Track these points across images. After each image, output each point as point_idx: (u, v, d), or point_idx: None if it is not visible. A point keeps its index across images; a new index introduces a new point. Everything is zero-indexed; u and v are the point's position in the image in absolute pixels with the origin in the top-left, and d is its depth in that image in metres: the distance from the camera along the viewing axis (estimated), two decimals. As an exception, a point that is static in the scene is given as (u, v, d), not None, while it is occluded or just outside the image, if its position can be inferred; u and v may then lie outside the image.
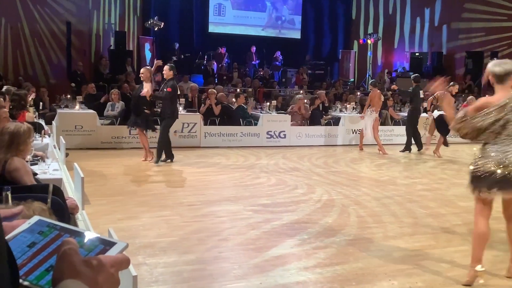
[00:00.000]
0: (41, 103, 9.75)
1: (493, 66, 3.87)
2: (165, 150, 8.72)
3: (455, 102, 10.69)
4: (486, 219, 3.86)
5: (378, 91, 11.07)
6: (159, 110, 9.59)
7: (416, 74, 11.60)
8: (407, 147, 11.02)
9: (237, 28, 19.88)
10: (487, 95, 4.36)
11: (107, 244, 0.87)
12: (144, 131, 8.78)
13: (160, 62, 9.47)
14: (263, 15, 20.41)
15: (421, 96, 11.00)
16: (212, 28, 19.44)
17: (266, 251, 4.56)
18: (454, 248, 4.82)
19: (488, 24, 17.74)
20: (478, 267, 3.85)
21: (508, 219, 3.94)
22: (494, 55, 17.52)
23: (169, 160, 8.80)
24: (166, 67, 8.75)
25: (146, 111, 8.61)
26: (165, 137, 8.69)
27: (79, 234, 0.89)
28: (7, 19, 13.80)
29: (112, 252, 0.85)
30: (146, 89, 8.51)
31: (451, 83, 10.32)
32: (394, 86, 11.04)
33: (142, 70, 8.82)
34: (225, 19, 19.73)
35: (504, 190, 3.70)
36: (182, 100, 11.44)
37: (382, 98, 11.23)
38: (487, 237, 3.87)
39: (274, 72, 18.75)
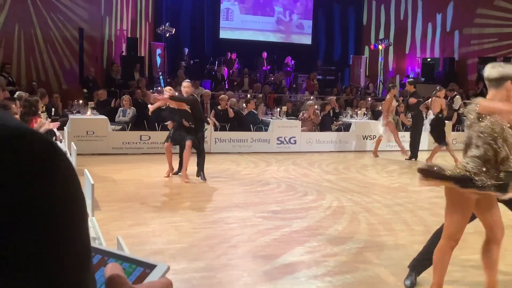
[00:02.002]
0: (53, 109, 9.83)
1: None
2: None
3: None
4: None
5: (392, 95, 10.99)
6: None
7: (412, 79, 11.68)
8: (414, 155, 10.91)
9: (247, 34, 19.94)
10: None
11: (147, 267, 0.84)
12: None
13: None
14: (273, 20, 20.45)
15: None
16: (223, 34, 19.52)
17: (276, 259, 4.54)
18: (466, 257, 4.76)
19: (500, 30, 17.60)
20: None
21: None
22: (506, 60, 17.38)
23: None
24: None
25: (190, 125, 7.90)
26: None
27: (119, 257, 0.87)
28: (20, 25, 13.96)
29: (154, 276, 0.81)
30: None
31: (437, 87, 10.40)
32: (412, 100, 10.72)
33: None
34: (235, 24, 19.80)
35: None
36: (193, 106, 11.49)
37: (395, 104, 11.20)
38: None
39: (285, 78, 18.75)
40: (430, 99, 10.43)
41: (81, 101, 11.13)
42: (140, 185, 7.47)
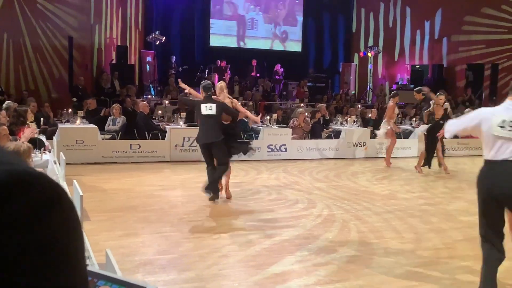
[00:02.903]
0: (42, 119, 9.78)
1: None
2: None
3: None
4: None
5: (394, 102, 10.98)
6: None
7: (419, 88, 11.57)
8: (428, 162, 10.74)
9: (237, 41, 20.00)
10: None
11: None
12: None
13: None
14: (264, 28, 20.53)
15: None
16: (213, 41, 19.56)
17: (267, 268, 4.53)
18: (456, 265, 4.78)
19: (488, 37, 17.81)
20: None
21: None
22: (494, 67, 17.59)
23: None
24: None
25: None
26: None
27: (109, 279, 0.88)
28: (9, 34, 13.90)
29: None
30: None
31: (437, 93, 10.40)
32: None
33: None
34: (225, 31, 19.85)
35: None
36: (183, 114, 11.49)
37: (397, 111, 11.25)
38: None
39: (275, 85, 18.80)
40: (432, 106, 10.30)
41: (70, 110, 11.08)
42: (130, 195, 7.43)
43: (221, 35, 19.73)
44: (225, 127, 7.18)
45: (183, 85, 7.71)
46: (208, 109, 6.98)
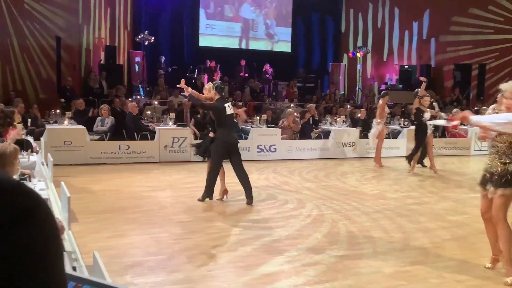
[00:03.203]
0: (29, 120, 9.70)
1: None
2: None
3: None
4: None
5: (384, 102, 11.04)
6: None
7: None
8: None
9: (227, 41, 20.00)
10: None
11: None
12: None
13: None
14: (253, 28, 20.53)
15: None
16: (202, 42, 19.53)
17: (256, 269, 4.53)
18: (444, 264, 4.82)
19: (475, 37, 17.96)
20: None
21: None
22: (482, 67, 17.75)
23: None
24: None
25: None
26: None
27: (94, 283, 0.88)
28: (-4, 35, 13.76)
29: None
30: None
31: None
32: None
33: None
34: (215, 32, 19.84)
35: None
36: (172, 115, 11.46)
37: (387, 110, 11.31)
38: None
39: (264, 85, 18.82)
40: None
41: (58, 111, 11.00)
42: (118, 196, 7.39)
43: (214, 36, 19.71)
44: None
45: (184, 86, 7.61)
46: (230, 108, 7.00)
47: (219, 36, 19.86)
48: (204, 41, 19.56)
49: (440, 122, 11.05)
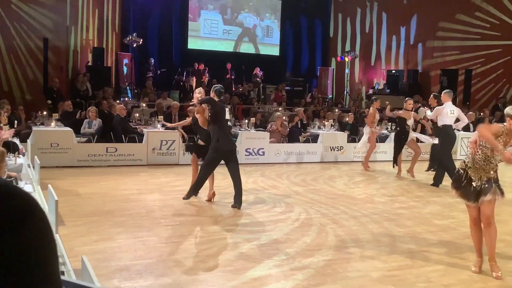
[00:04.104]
0: (15, 122, 9.59)
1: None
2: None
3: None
4: None
5: (375, 108, 11.12)
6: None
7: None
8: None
9: (216, 44, 19.99)
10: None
11: None
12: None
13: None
14: (242, 31, 20.56)
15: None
16: (191, 45, 19.50)
17: (244, 273, 4.53)
18: (431, 268, 4.86)
19: (462, 43, 18.17)
20: None
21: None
22: (468, 73, 17.95)
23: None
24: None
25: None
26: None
27: (72, 285, 0.88)
28: (-18, 35, 13.61)
29: None
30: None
31: (406, 98, 10.69)
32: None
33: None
34: (204, 35, 19.82)
35: None
36: (161, 118, 11.41)
37: (377, 117, 11.38)
38: None
39: (254, 88, 18.82)
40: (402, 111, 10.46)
41: (45, 113, 10.90)
42: (106, 199, 7.34)
43: (200, 38, 19.69)
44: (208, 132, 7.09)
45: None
46: (229, 114, 6.92)
47: (208, 40, 19.84)
48: (193, 44, 19.54)
49: (423, 139, 11.20)
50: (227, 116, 6.88)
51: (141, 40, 16.73)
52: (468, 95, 17.89)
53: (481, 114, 15.54)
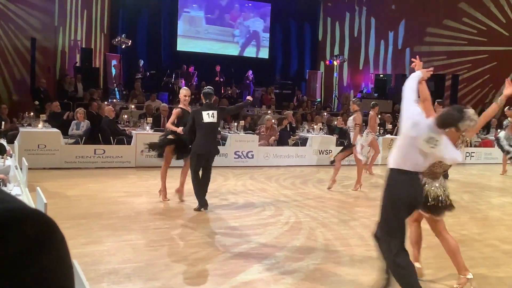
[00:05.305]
0: (3, 123, 9.49)
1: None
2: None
3: None
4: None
5: (375, 112, 11.14)
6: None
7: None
8: None
9: (205, 47, 19.97)
10: None
11: None
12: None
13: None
14: (231, 34, 20.56)
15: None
16: (180, 47, 19.46)
17: (234, 277, 4.51)
18: (419, 272, 4.88)
19: (449, 48, 18.37)
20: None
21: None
22: (455, 78, 18.14)
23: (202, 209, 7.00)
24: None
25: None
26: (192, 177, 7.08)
27: None
28: (-32, 34, 13.45)
29: None
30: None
31: (372, 103, 10.81)
32: None
33: (188, 93, 7.48)
34: (193, 37, 19.79)
35: None
36: (150, 119, 11.36)
37: (378, 121, 11.45)
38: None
39: (243, 91, 18.84)
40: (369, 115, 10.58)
41: (32, 113, 10.79)
42: (94, 201, 7.29)
43: (189, 41, 19.65)
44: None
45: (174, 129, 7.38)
46: (210, 116, 6.82)
47: (198, 42, 19.81)
48: (182, 46, 19.49)
49: (358, 140, 11.10)
50: (208, 119, 6.83)
51: (130, 41, 16.65)
52: (455, 100, 18.06)
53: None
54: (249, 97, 8.19)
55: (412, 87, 4.02)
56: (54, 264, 0.57)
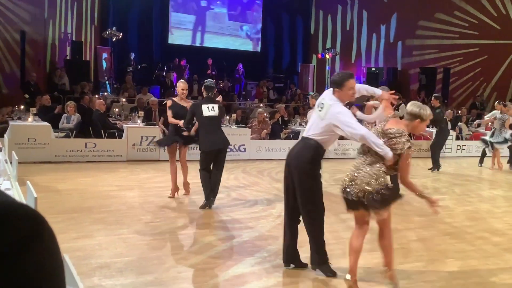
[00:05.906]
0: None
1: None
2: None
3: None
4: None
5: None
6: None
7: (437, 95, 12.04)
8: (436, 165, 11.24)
9: (196, 40, 19.87)
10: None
11: None
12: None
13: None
14: (223, 27, 20.47)
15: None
16: (172, 39, 19.34)
17: (226, 270, 4.51)
18: (411, 264, 4.92)
19: (440, 42, 18.42)
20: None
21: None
22: (446, 71, 18.21)
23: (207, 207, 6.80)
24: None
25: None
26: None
27: None
28: (-43, 27, 13.29)
29: None
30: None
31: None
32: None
33: (185, 86, 7.30)
34: (185, 30, 19.69)
35: None
36: (141, 113, 11.31)
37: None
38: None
39: (235, 84, 18.79)
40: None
41: (22, 107, 10.70)
42: (85, 195, 7.25)
43: (181, 33, 19.54)
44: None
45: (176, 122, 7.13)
46: (210, 109, 6.68)
47: (189, 34, 19.71)
48: (173, 39, 19.38)
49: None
50: (207, 113, 6.73)
51: (121, 34, 16.53)
52: (446, 94, 18.15)
53: (459, 112, 15.78)
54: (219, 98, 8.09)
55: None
56: (43, 260, 0.56)
